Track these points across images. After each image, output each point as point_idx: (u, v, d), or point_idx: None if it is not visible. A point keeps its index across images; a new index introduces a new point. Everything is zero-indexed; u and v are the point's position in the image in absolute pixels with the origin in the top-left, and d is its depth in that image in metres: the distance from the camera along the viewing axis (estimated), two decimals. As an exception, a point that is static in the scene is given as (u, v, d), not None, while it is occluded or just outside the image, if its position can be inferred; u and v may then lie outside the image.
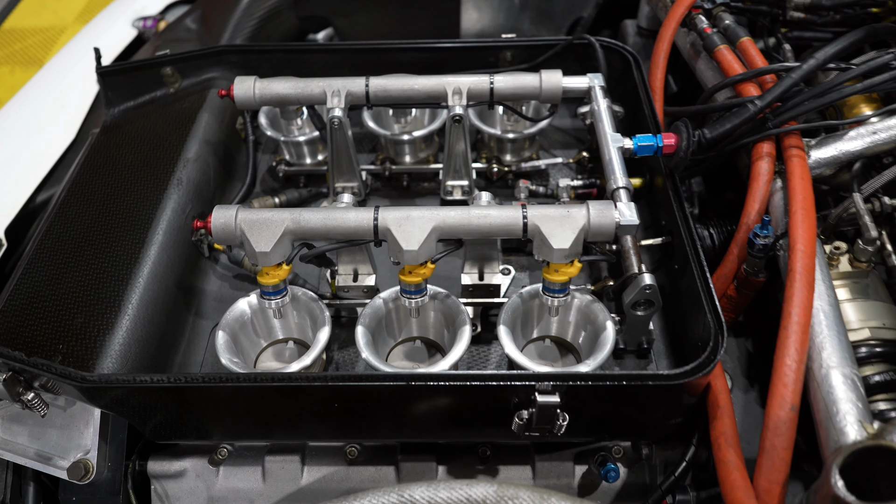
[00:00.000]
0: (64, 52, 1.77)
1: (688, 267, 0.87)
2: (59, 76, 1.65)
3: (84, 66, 1.67)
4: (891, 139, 0.92)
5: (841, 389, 0.70)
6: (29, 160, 1.34)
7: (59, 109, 1.55)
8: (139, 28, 1.81)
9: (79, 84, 1.60)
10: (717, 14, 1.15)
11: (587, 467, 0.91)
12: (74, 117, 1.50)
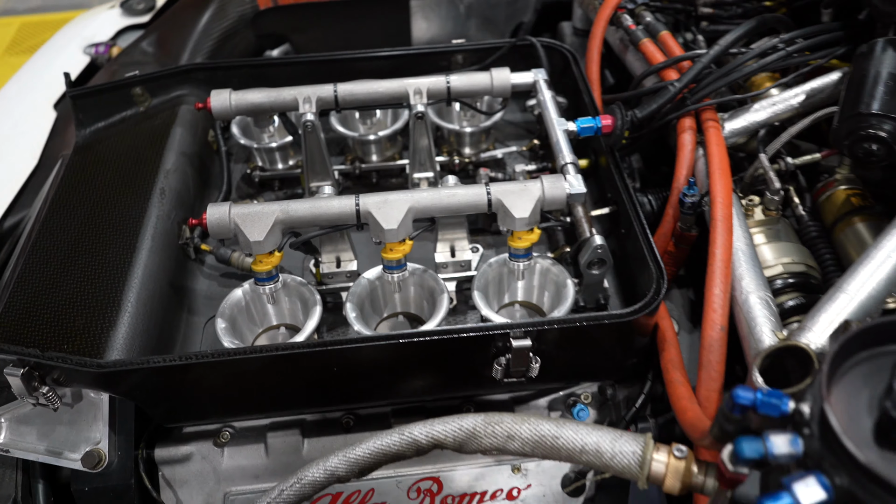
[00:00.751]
0: (15, 80, 1.89)
1: (632, 229, 1.06)
2: (14, 104, 1.76)
3: (39, 93, 1.78)
4: (788, 108, 1.14)
5: (758, 309, 0.89)
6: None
7: (18, 136, 1.66)
8: (91, 54, 1.94)
9: (35, 111, 1.72)
10: (638, 13, 1.37)
11: (560, 412, 1.08)
12: (35, 143, 1.62)
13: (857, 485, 0.55)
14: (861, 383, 0.61)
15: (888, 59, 0.95)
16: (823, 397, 0.58)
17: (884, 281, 0.83)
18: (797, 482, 0.57)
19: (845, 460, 0.56)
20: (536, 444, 0.81)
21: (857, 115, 0.93)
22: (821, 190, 1.15)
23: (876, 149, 0.93)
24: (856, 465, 0.55)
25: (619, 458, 0.78)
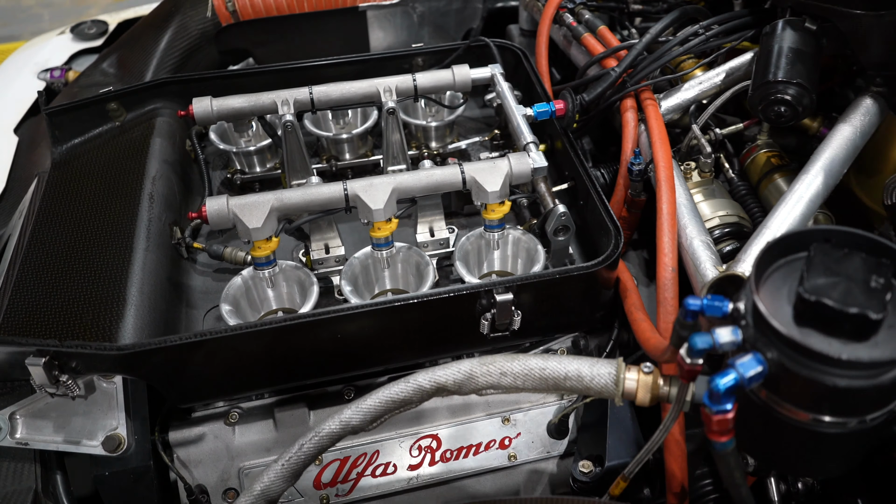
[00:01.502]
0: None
1: (590, 199, 1.25)
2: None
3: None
4: (712, 86, 1.35)
5: (701, 251, 1.08)
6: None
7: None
8: (46, 80, 2.04)
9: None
10: (578, 11, 1.58)
11: (538, 367, 1.25)
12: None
13: (784, 355, 0.74)
14: (781, 282, 0.80)
15: (787, 36, 1.17)
16: (753, 292, 0.77)
17: (798, 217, 1.03)
18: (739, 360, 0.75)
19: (773, 338, 0.74)
20: (526, 376, 0.98)
21: (766, 84, 1.14)
22: (746, 154, 1.37)
23: (784, 110, 1.14)
24: (781, 338, 0.73)
25: (597, 380, 0.95)
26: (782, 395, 0.77)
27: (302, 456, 0.98)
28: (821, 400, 0.74)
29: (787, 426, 0.79)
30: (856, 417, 0.76)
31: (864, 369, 0.71)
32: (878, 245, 0.77)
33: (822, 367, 0.72)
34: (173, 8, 1.87)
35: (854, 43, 1.13)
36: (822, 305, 0.72)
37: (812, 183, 1.06)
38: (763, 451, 0.85)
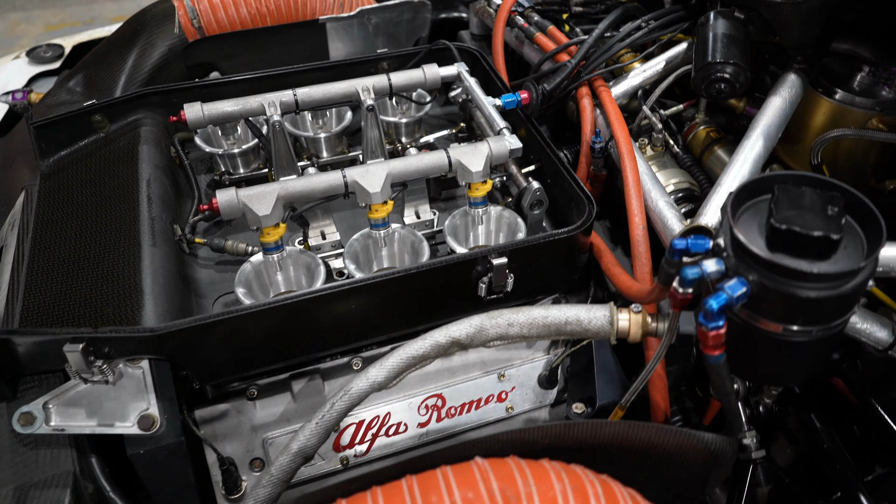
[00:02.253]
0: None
1: (558, 177, 1.34)
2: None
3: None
4: (654, 73, 1.48)
5: (666, 209, 1.20)
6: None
7: None
8: (8, 102, 2.00)
9: None
10: (527, 14, 1.68)
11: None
12: None
13: (763, 276, 0.84)
14: (750, 220, 0.91)
15: (720, 24, 1.30)
16: (732, 227, 0.87)
17: (746, 174, 1.16)
18: (726, 284, 0.86)
19: (753, 263, 0.85)
20: (531, 325, 1.06)
21: (706, 65, 1.27)
22: (687, 132, 1.50)
23: (724, 87, 1.27)
24: (760, 262, 0.84)
25: (594, 322, 1.05)
26: (760, 311, 0.88)
27: (334, 413, 1.03)
28: (794, 312, 0.86)
29: (763, 339, 0.90)
30: (820, 325, 0.88)
31: (829, 281, 0.82)
32: (827, 183, 0.89)
33: (796, 283, 0.83)
34: (139, 26, 1.87)
35: (777, 28, 1.27)
36: (791, 232, 0.83)
37: (754, 146, 1.19)
38: (742, 365, 0.96)
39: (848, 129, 1.22)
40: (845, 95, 1.30)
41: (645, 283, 1.16)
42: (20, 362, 1.08)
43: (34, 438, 1.07)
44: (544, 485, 0.81)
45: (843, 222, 0.84)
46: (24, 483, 1.04)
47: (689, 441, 0.95)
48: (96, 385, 1.09)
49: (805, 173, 0.91)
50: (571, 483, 0.82)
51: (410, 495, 0.82)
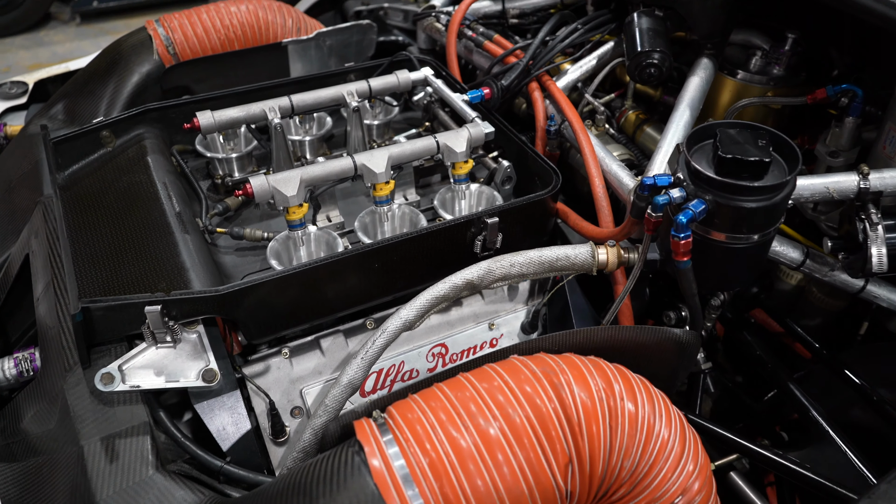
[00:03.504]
0: None
1: (521, 157, 1.55)
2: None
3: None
4: (590, 68, 1.73)
5: (620, 170, 1.42)
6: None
7: None
8: (-16, 136, 2.03)
9: None
10: (473, 27, 1.90)
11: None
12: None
13: (716, 195, 1.07)
14: (700, 157, 1.14)
15: (643, 21, 1.56)
16: (689, 160, 1.10)
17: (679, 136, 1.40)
18: (690, 204, 1.08)
19: (707, 186, 1.08)
20: (530, 263, 1.25)
21: (637, 54, 1.52)
22: (619, 116, 1.75)
23: (653, 71, 1.52)
24: (713, 182, 1.07)
25: (580, 257, 1.25)
26: (713, 224, 1.11)
27: (375, 349, 1.18)
28: (739, 222, 1.09)
29: (715, 248, 1.13)
30: (757, 233, 1.11)
31: (765, 193, 1.06)
32: (755, 126, 1.14)
33: (741, 197, 1.06)
34: (116, 56, 1.96)
35: (690, 21, 1.54)
36: (734, 160, 1.07)
37: (683, 114, 1.44)
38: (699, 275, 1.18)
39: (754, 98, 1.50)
40: (745, 75, 1.58)
41: (608, 228, 1.37)
42: (96, 331, 1.17)
43: (111, 397, 1.16)
44: (574, 367, 1.00)
45: (771, 150, 1.09)
46: (108, 434, 1.12)
47: (664, 336, 1.16)
48: (160, 349, 1.20)
49: (738, 121, 1.15)
50: (594, 366, 1.01)
51: (469, 383, 0.99)
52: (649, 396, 1.00)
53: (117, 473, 1.11)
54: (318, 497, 0.91)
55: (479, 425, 0.93)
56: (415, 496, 0.89)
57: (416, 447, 0.92)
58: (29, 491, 1.16)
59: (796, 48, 1.56)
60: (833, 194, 1.23)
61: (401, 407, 0.98)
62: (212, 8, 1.99)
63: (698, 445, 1.01)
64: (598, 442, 0.94)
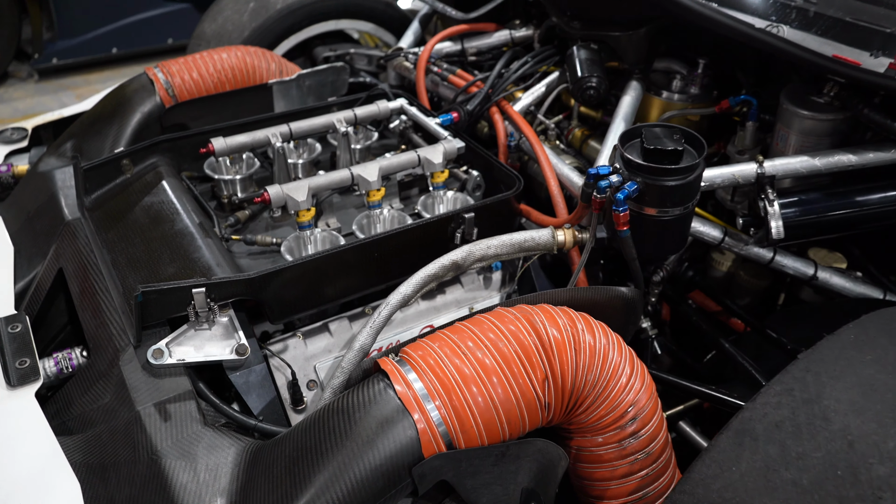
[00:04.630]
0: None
1: (487, 169, 1.90)
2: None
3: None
4: (540, 95, 2.11)
5: (569, 171, 1.78)
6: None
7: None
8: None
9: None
10: (438, 63, 2.27)
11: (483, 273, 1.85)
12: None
13: (644, 177, 1.43)
14: (631, 150, 1.50)
15: (582, 53, 1.95)
16: (623, 152, 1.46)
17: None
18: (626, 185, 1.43)
19: (637, 170, 1.44)
20: (502, 245, 1.58)
21: (578, 79, 1.91)
22: (567, 132, 2.13)
23: (593, 93, 1.90)
24: (641, 167, 1.43)
25: (543, 238, 1.59)
26: (644, 201, 1.46)
27: (381, 318, 1.48)
28: (664, 198, 1.44)
29: (647, 221, 1.48)
30: (679, 206, 1.47)
31: (681, 174, 1.42)
32: (671, 125, 1.51)
33: (663, 178, 1.42)
34: (121, 98, 2.26)
35: (619, 52, 1.94)
36: (656, 150, 1.43)
37: (619, 126, 1.81)
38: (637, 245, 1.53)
39: (675, 112, 1.89)
40: (668, 94, 1.98)
41: (563, 217, 1.72)
42: (145, 314, 1.44)
43: (160, 370, 1.43)
44: (546, 312, 1.33)
45: (683, 142, 1.46)
46: (160, 400, 1.39)
47: (614, 294, 1.50)
48: (199, 330, 1.47)
49: (658, 123, 1.52)
50: (562, 311, 1.34)
51: (466, 327, 1.30)
52: (604, 333, 1.33)
53: (172, 429, 1.37)
54: (353, 415, 1.20)
55: (476, 356, 1.24)
56: (432, 409, 1.19)
57: (430, 373, 1.22)
58: (91, 454, 1.40)
59: (707, 71, 1.97)
60: (739, 180, 1.61)
61: (413, 347, 1.29)
62: (205, 55, 2.32)
63: (644, 371, 1.34)
64: (566, 364, 1.26)
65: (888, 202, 1.56)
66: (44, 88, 5.14)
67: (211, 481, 1.28)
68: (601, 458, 1.31)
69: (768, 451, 1.11)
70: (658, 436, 1.32)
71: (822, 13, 1.61)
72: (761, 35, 1.60)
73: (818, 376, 1.16)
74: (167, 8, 5.43)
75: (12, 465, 1.32)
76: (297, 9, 2.73)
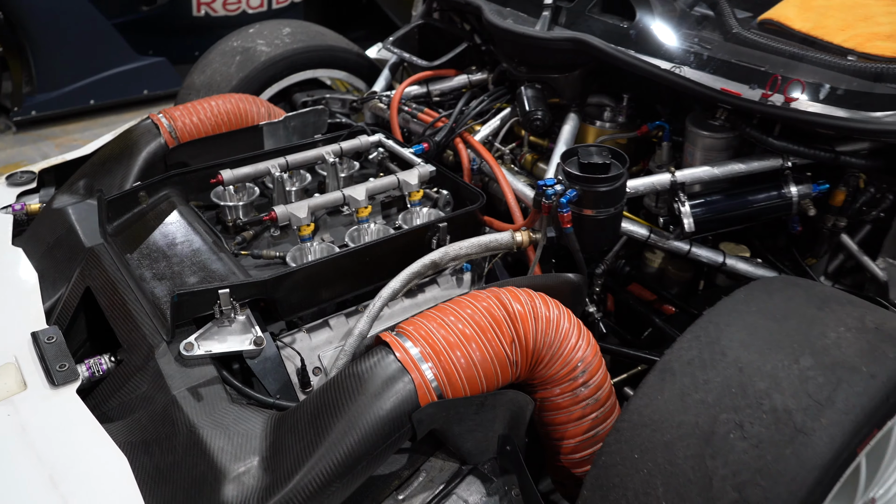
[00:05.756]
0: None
1: (455, 186, 2.24)
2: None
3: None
4: (496, 127, 2.47)
5: (524, 187, 2.13)
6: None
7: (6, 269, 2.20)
8: (10, 213, 2.52)
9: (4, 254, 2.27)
10: (408, 103, 2.62)
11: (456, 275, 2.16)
12: (25, 267, 2.20)
13: (581, 185, 1.79)
14: (570, 165, 1.85)
15: (529, 92, 2.32)
16: (564, 167, 1.82)
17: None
18: (568, 192, 1.79)
19: (575, 180, 1.80)
20: (472, 245, 1.91)
21: (526, 113, 2.27)
22: (520, 158, 2.49)
23: (539, 124, 2.27)
24: (578, 178, 1.79)
25: (504, 239, 1.92)
26: (583, 204, 1.81)
27: (375, 308, 1.78)
28: (597, 201, 1.80)
29: (586, 220, 1.83)
30: (610, 207, 1.83)
31: (609, 182, 1.78)
32: (600, 145, 1.88)
33: (595, 185, 1.78)
34: (128, 141, 2.53)
35: (559, 90, 2.32)
36: (589, 163, 1.79)
37: (561, 148, 2.18)
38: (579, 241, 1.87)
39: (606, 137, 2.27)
40: (601, 123, 2.37)
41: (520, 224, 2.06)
42: (180, 314, 1.72)
43: (191, 361, 1.69)
44: (511, 292, 1.65)
45: (610, 158, 1.82)
46: (192, 385, 1.65)
47: (563, 279, 1.84)
48: (222, 326, 1.75)
49: (591, 143, 1.89)
50: (524, 291, 1.67)
51: (450, 306, 1.62)
52: (556, 306, 1.66)
53: (205, 407, 1.63)
54: (362, 376, 1.50)
55: (458, 327, 1.55)
56: (426, 369, 1.49)
57: (423, 341, 1.53)
58: (133, 434, 1.65)
59: (630, 104, 2.37)
60: (657, 187, 1.99)
61: (407, 323, 1.59)
62: (203, 102, 2.63)
63: (589, 336, 1.67)
64: (528, 330, 1.58)
65: (771, 199, 1.95)
66: (23, 139, 5.34)
67: (244, 443, 1.55)
68: (559, 406, 1.62)
69: (683, 381, 1.45)
70: (603, 385, 1.64)
71: (713, 56, 2.01)
72: (666, 74, 1.99)
73: (717, 325, 1.51)
74: (141, 62, 5.71)
75: (64, 450, 1.55)
76: (278, 60, 3.07)
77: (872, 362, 1.40)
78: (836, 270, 2.16)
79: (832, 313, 1.52)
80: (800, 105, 1.84)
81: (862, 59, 1.97)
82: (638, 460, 1.43)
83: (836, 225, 2.03)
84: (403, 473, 1.64)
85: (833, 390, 1.36)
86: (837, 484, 1.37)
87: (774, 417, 1.35)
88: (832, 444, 1.31)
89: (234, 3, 5.99)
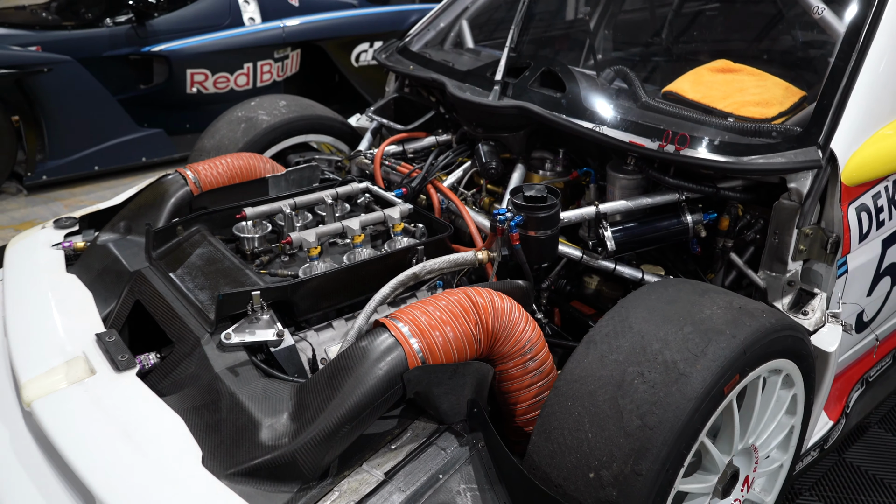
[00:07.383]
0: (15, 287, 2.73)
1: (428, 221, 2.72)
2: (45, 285, 2.65)
3: (46, 276, 2.71)
4: (459, 176, 2.98)
5: (482, 219, 2.63)
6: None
7: (68, 297, 2.59)
8: (60, 249, 2.92)
9: (62, 283, 2.66)
10: (388, 159, 3.13)
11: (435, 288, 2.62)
12: (83, 293, 2.59)
13: (526, 213, 2.29)
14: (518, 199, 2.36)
15: (485, 147, 2.84)
16: (513, 199, 2.32)
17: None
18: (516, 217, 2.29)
19: (522, 209, 2.30)
20: (444, 262, 2.38)
21: (483, 164, 2.79)
22: (480, 200, 3.00)
23: (493, 173, 2.79)
24: (523, 208, 2.29)
25: (469, 257, 2.40)
26: (528, 227, 2.31)
27: (369, 309, 2.23)
28: (539, 224, 2.30)
29: (531, 240, 2.33)
30: (548, 230, 2.33)
31: (546, 209, 2.29)
32: (542, 185, 2.39)
33: (537, 213, 2.28)
34: (160, 189, 2.98)
35: (508, 147, 2.85)
36: (532, 196, 2.30)
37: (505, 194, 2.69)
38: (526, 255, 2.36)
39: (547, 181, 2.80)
40: (543, 172, 2.90)
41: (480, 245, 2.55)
42: (222, 311, 2.14)
43: (229, 348, 2.11)
44: (477, 290, 2.12)
45: (547, 193, 2.34)
46: (230, 366, 2.05)
47: (515, 285, 2.31)
48: (251, 322, 2.18)
49: (534, 184, 2.41)
50: (487, 290, 2.14)
51: (431, 299, 2.08)
52: (510, 301, 2.12)
53: (242, 380, 2.03)
54: (366, 348, 1.93)
55: (437, 314, 2.01)
56: (414, 343, 1.92)
57: (412, 323, 1.97)
58: (185, 402, 2.04)
59: (566, 155, 2.91)
60: (586, 217, 2.50)
61: (398, 311, 2.04)
62: (220, 159, 3.09)
63: (535, 323, 2.13)
64: (489, 316, 2.04)
65: (672, 225, 2.48)
66: (34, 201, 5.70)
67: (276, 402, 1.96)
68: (513, 376, 2.07)
69: (601, 348, 1.92)
70: (546, 360, 2.10)
71: (626, 118, 2.57)
72: (590, 132, 2.54)
73: (627, 308, 2.00)
74: (141, 133, 6.19)
75: (132, 414, 1.95)
76: (277, 127, 3.57)
77: (734, 328, 1.90)
78: (730, 283, 2.68)
79: (709, 299, 2.02)
80: (687, 152, 2.39)
81: (738, 120, 2.54)
82: (570, 407, 1.88)
83: (725, 245, 2.56)
84: (394, 431, 2.05)
85: (706, 346, 1.84)
86: (713, 415, 1.83)
87: (665, 367, 1.82)
88: (704, 382, 1.79)
89: (224, 81, 6.54)
